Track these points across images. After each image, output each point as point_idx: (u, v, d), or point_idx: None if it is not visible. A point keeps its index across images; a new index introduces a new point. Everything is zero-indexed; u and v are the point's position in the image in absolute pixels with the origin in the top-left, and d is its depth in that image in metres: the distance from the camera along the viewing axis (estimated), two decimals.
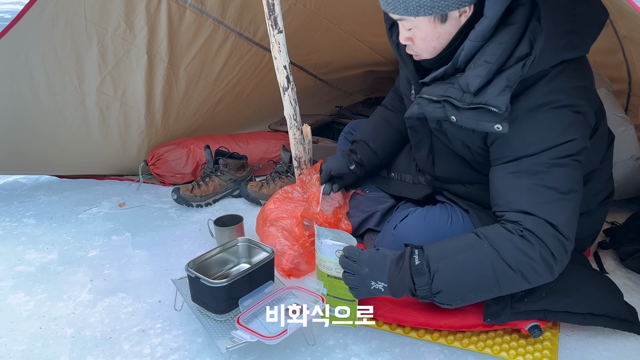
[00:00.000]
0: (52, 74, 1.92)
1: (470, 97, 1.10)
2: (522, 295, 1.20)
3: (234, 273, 1.45)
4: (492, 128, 1.08)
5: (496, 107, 1.05)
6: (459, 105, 1.11)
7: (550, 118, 1.10)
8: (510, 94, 1.05)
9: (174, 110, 2.30)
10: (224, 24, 2.14)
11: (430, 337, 1.27)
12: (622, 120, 1.81)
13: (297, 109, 1.73)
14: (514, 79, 1.06)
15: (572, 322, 1.23)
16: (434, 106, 1.18)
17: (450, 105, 1.14)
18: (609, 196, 1.40)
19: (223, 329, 1.25)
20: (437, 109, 1.17)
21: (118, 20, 1.92)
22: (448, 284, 1.10)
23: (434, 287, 1.11)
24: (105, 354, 1.26)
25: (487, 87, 1.07)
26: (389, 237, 1.36)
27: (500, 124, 1.07)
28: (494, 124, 1.07)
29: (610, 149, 1.37)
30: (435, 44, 1.16)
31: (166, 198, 2.14)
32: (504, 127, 1.07)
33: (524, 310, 1.20)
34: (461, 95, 1.11)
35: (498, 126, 1.07)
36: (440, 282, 1.10)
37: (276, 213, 1.58)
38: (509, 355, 1.20)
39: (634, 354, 1.22)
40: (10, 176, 2.39)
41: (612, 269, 1.54)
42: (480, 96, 1.08)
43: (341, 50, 2.66)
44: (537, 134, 1.11)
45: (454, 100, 1.12)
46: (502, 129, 1.07)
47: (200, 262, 1.37)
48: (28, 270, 1.65)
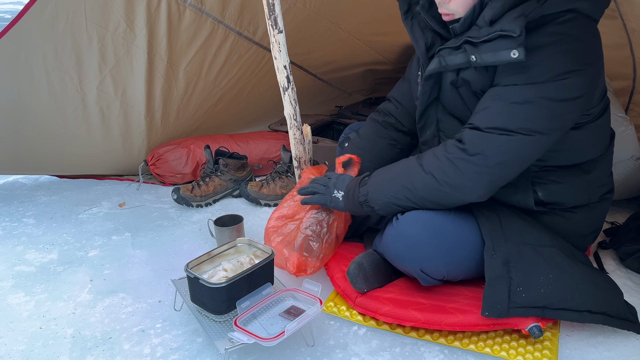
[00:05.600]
0: (53, 73, 1.93)
1: (486, 29, 1.14)
2: (521, 290, 1.19)
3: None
4: (509, 56, 1.10)
5: (511, 30, 1.08)
6: (476, 42, 1.15)
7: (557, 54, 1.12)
8: (524, 21, 1.09)
9: (174, 110, 2.30)
10: (223, 23, 2.14)
11: (430, 337, 1.27)
12: (622, 120, 1.81)
13: (297, 109, 1.73)
14: (529, 9, 1.10)
15: (570, 319, 1.22)
16: (455, 53, 1.21)
17: (470, 44, 1.17)
18: (609, 192, 1.41)
19: (222, 330, 1.25)
20: (458, 55, 1.20)
21: (118, 20, 1.92)
22: (373, 184, 1.30)
23: (365, 189, 1.30)
24: (105, 354, 1.26)
25: (502, 17, 1.12)
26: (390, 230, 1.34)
27: (516, 49, 1.09)
28: (510, 51, 1.09)
29: (611, 143, 1.39)
30: None
31: (166, 198, 2.14)
32: (520, 52, 1.08)
33: (522, 305, 1.19)
34: (479, 32, 1.16)
35: (514, 52, 1.09)
36: (370, 184, 1.31)
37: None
38: (509, 355, 1.20)
39: (634, 354, 1.22)
40: (10, 176, 2.39)
41: (612, 269, 1.54)
42: (495, 26, 1.12)
43: (341, 49, 2.65)
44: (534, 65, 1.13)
45: (473, 38, 1.16)
46: (518, 55, 1.09)
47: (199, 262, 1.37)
48: (28, 270, 1.65)
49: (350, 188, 1.35)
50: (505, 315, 1.18)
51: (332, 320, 1.36)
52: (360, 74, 2.97)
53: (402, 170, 1.28)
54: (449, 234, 1.23)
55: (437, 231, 1.23)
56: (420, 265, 1.26)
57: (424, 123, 1.43)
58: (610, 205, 1.42)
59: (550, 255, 1.24)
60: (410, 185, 1.23)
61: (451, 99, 1.32)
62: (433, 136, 1.42)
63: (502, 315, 1.18)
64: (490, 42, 1.13)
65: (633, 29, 1.76)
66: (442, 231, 1.23)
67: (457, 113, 1.34)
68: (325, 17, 2.36)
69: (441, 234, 1.23)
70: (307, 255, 1.44)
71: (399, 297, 1.33)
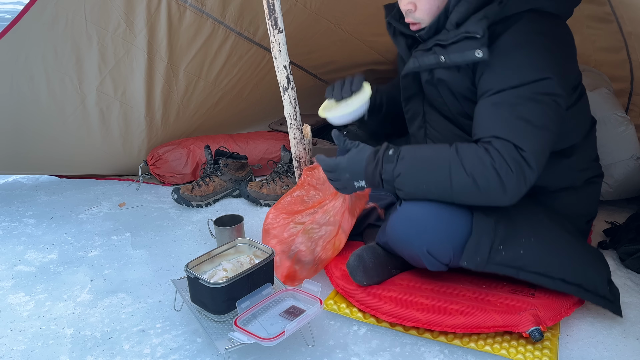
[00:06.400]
0: (52, 74, 1.93)
1: (453, 32, 1.22)
2: (501, 248, 1.22)
3: None
4: (474, 55, 1.18)
5: (474, 32, 1.17)
6: (445, 44, 1.24)
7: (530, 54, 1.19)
8: (487, 23, 1.17)
9: (174, 110, 2.30)
10: (224, 23, 2.14)
11: (430, 335, 1.27)
12: (622, 120, 1.81)
13: (297, 109, 1.73)
14: (491, 12, 1.19)
15: (542, 283, 1.24)
16: (426, 55, 1.29)
17: (439, 46, 1.26)
18: (597, 176, 1.45)
19: (222, 330, 1.25)
20: (429, 57, 1.28)
21: (118, 20, 1.92)
22: (406, 169, 1.22)
23: (395, 170, 1.22)
24: (105, 354, 1.26)
25: (467, 21, 1.21)
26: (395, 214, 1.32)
27: (480, 49, 1.17)
28: (474, 51, 1.17)
29: (592, 131, 1.43)
30: (440, 3, 1.27)
31: (166, 198, 2.14)
32: (484, 52, 1.16)
33: (500, 262, 1.22)
34: (447, 35, 1.25)
35: (479, 51, 1.17)
36: (402, 166, 1.22)
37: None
38: (509, 354, 1.20)
39: (634, 354, 1.22)
40: (10, 176, 2.39)
41: (612, 269, 1.53)
42: (461, 28, 1.21)
43: (341, 50, 2.65)
44: (517, 67, 1.19)
45: (442, 41, 1.25)
46: (482, 55, 1.17)
47: (199, 262, 1.37)
48: (28, 270, 1.65)
49: (370, 170, 1.26)
50: (483, 269, 1.23)
51: (332, 320, 1.36)
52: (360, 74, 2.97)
53: (439, 162, 1.21)
54: (454, 213, 1.23)
55: (442, 211, 1.23)
56: (427, 246, 1.25)
57: (410, 115, 1.51)
58: (604, 201, 1.44)
59: (536, 219, 1.29)
60: (447, 183, 1.19)
61: (432, 95, 1.40)
62: (419, 127, 1.49)
63: (480, 268, 1.23)
64: (457, 43, 1.22)
65: (629, 32, 1.76)
66: (447, 211, 1.23)
67: (439, 108, 1.41)
68: (325, 17, 2.36)
69: (447, 214, 1.23)
70: (298, 268, 1.45)
71: (400, 296, 1.33)
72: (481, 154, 1.17)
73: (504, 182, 1.14)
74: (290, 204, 1.61)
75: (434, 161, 1.21)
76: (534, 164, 1.15)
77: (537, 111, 1.17)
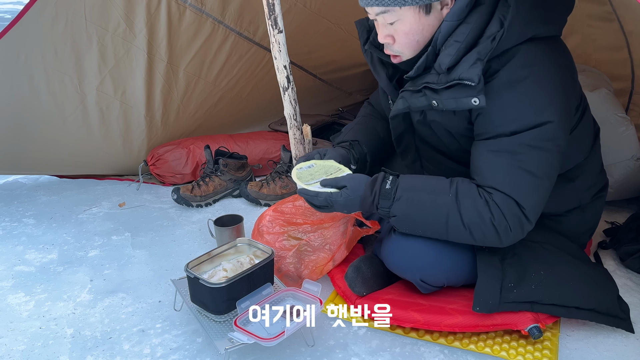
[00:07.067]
0: (52, 74, 1.93)
1: (445, 77, 1.13)
2: (512, 286, 1.20)
3: None
4: (470, 103, 1.10)
5: (469, 79, 1.08)
6: (436, 88, 1.15)
7: (529, 92, 1.12)
8: (481, 66, 1.08)
9: (174, 110, 2.30)
10: (223, 23, 2.14)
11: (430, 337, 1.27)
12: (622, 120, 1.81)
13: (297, 109, 1.73)
14: (484, 52, 1.09)
15: (558, 314, 1.23)
16: (416, 96, 1.20)
17: (430, 90, 1.17)
18: (602, 189, 1.41)
19: (222, 330, 1.25)
20: (419, 98, 1.20)
21: (118, 20, 1.92)
22: (403, 213, 1.19)
23: (391, 211, 1.19)
24: (105, 354, 1.26)
25: (459, 64, 1.11)
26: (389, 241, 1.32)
27: (476, 97, 1.09)
28: (471, 99, 1.09)
29: (596, 141, 1.38)
30: (419, 37, 1.18)
31: (166, 198, 2.14)
32: (481, 99, 1.09)
33: (513, 300, 1.20)
34: (437, 78, 1.15)
35: (475, 100, 1.09)
36: (398, 209, 1.19)
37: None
38: (509, 355, 1.20)
39: (634, 354, 1.21)
40: (10, 176, 2.39)
41: (612, 269, 1.54)
42: (453, 73, 1.12)
43: (341, 50, 2.66)
44: (516, 109, 1.12)
45: (432, 84, 1.16)
46: (479, 103, 1.09)
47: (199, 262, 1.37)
48: (28, 270, 1.65)
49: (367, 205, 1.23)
50: (496, 310, 1.20)
51: (332, 320, 1.35)
52: (360, 74, 2.97)
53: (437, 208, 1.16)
54: (447, 243, 1.22)
55: (435, 241, 1.23)
56: (420, 275, 1.27)
57: (403, 149, 1.44)
58: (605, 202, 1.43)
59: (542, 251, 1.27)
60: (443, 229, 1.17)
61: (425, 133, 1.34)
62: (414, 161, 1.44)
63: (493, 311, 1.20)
64: (450, 89, 1.13)
65: (630, 31, 1.76)
66: (440, 241, 1.22)
67: (433, 144, 1.35)
68: (325, 17, 2.36)
69: (440, 244, 1.23)
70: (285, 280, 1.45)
71: (398, 298, 1.34)
72: (481, 208, 1.12)
73: (501, 237, 1.14)
74: (290, 212, 1.59)
75: (432, 206, 1.17)
76: (533, 217, 1.14)
77: (539, 160, 1.13)
